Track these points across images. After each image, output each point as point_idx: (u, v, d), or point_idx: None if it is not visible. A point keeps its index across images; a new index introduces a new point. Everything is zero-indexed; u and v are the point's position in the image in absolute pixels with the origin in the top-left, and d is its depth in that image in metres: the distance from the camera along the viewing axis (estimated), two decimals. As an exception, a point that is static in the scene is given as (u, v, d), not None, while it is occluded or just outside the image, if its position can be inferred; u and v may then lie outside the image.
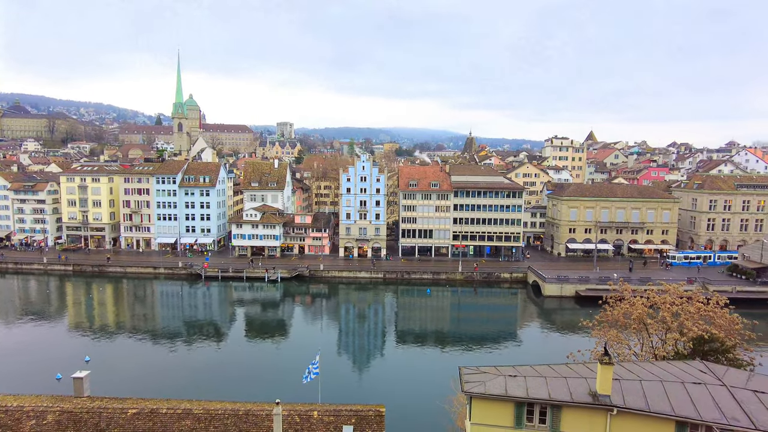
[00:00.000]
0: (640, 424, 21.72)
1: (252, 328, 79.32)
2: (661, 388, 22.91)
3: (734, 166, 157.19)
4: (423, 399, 49.21)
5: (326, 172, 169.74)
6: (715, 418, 20.65)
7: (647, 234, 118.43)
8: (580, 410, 22.29)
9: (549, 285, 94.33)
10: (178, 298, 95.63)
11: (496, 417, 23.23)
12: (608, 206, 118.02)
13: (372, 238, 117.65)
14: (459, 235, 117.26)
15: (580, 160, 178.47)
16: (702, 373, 24.56)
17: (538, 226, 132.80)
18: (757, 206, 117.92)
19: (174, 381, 56.38)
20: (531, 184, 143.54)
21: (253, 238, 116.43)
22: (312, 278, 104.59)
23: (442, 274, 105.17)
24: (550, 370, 25.20)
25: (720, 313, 41.40)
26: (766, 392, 22.62)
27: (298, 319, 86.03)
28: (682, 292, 45.26)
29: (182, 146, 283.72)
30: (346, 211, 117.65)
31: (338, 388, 52.78)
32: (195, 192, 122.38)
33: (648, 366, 26.46)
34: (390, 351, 70.25)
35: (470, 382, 23.64)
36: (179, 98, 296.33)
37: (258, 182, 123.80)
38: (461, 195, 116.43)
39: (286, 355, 66.70)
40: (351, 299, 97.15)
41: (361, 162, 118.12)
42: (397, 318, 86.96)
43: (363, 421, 22.70)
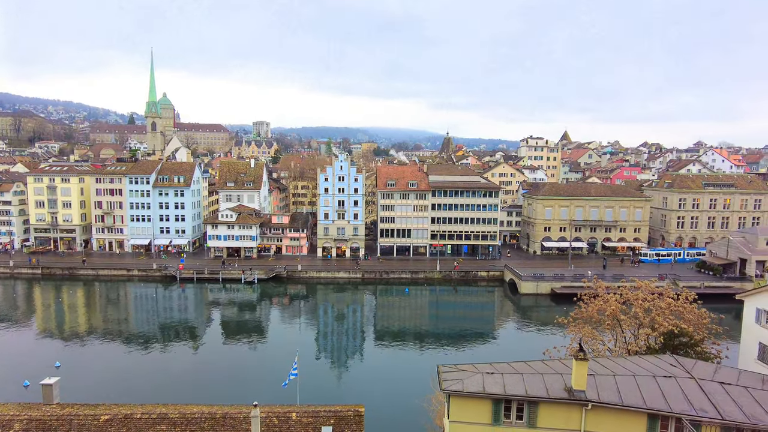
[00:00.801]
0: (613, 418, 22.20)
1: (229, 331, 78.30)
2: (633, 382, 23.46)
3: (702, 166, 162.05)
4: (402, 398, 49.35)
5: (304, 172, 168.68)
6: (684, 409, 21.24)
7: (620, 232, 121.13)
8: (556, 406, 22.66)
9: (525, 283, 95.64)
10: (153, 300, 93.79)
11: (474, 414, 23.44)
12: (582, 205, 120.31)
13: (350, 238, 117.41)
14: (437, 234, 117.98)
15: (554, 160, 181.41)
16: (672, 366, 25.24)
17: (514, 225, 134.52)
18: (723, 204, 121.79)
19: (149, 386, 55.25)
20: (507, 184, 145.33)
21: (229, 239, 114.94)
22: (290, 279, 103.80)
23: (421, 274, 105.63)
24: (527, 366, 25.55)
25: (689, 308, 42.55)
26: (731, 384, 23.38)
27: (275, 320, 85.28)
28: (654, 288, 46.37)
29: (156, 146, 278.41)
30: (324, 211, 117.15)
31: (317, 389, 52.55)
32: (169, 192, 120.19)
33: (621, 361, 27.07)
34: (369, 351, 70.21)
35: (448, 380, 23.79)
36: (153, 97, 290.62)
37: (234, 182, 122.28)
38: (439, 194, 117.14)
39: (264, 357, 66.08)
40: (329, 300, 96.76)
41: (339, 162, 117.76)
42: (375, 318, 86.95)
43: (342, 422, 22.64)
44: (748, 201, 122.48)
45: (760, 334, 36.96)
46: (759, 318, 37.33)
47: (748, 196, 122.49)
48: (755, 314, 37.70)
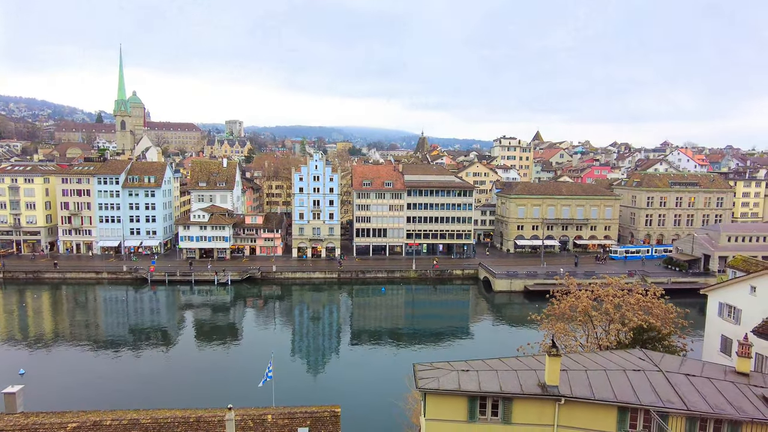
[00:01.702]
0: (586, 412, 22.68)
1: (202, 333, 76.99)
2: (604, 376, 24.02)
3: (668, 165, 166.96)
4: (378, 397, 49.36)
5: (278, 172, 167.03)
6: (652, 401, 21.86)
7: (591, 230, 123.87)
8: (530, 401, 23.01)
9: (499, 280, 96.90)
10: (123, 304, 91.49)
11: (450, 412, 23.62)
12: (554, 204, 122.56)
13: (326, 237, 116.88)
14: (413, 233, 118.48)
15: (527, 160, 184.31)
16: (641, 360, 25.94)
17: (488, 224, 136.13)
18: (689, 203, 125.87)
19: (119, 391, 53.84)
20: (481, 183, 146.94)
21: (201, 240, 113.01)
22: (264, 280, 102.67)
23: (397, 273, 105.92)
24: (501, 363, 25.87)
25: (657, 304, 43.83)
26: (696, 375, 24.18)
27: (249, 322, 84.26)
28: (623, 284, 47.58)
29: (125, 145, 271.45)
30: (299, 210, 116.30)
31: (293, 391, 52.15)
32: (139, 193, 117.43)
33: (593, 356, 27.68)
34: (345, 351, 70.04)
35: (424, 379, 23.91)
36: (122, 95, 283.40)
37: (206, 182, 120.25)
38: (414, 194, 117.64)
39: (239, 360, 65.21)
40: (305, 300, 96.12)
41: (314, 161, 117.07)
42: (352, 317, 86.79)
43: (318, 423, 22.52)
44: (711, 199, 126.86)
45: (722, 327, 38.29)
46: (721, 312, 38.68)
47: (711, 194, 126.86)
48: (718, 308, 39.05)
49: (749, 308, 35.79)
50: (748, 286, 36.58)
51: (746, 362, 25.12)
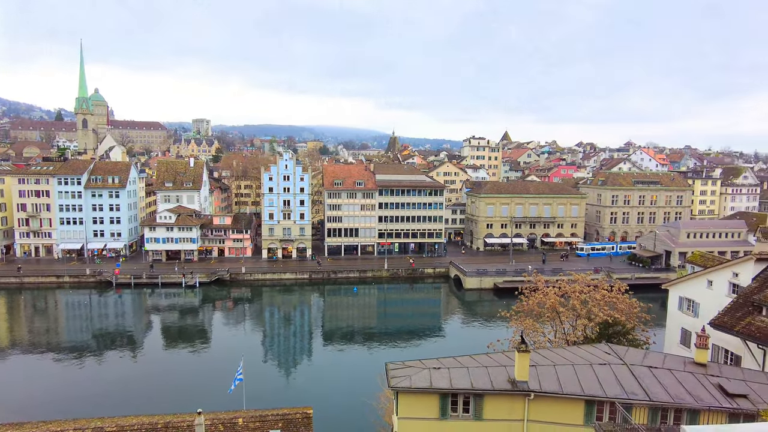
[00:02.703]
0: (554, 406, 23.18)
1: (169, 337, 75.25)
2: (572, 371, 24.59)
3: (632, 164, 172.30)
4: (351, 397, 49.28)
5: (247, 171, 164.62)
6: (617, 394, 22.51)
7: (558, 228, 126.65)
8: (500, 397, 23.36)
9: (469, 278, 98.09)
10: (86, 308, 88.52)
11: (422, 410, 23.76)
12: (522, 202, 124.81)
13: (297, 238, 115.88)
14: (384, 233, 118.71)
15: (496, 159, 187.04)
16: (607, 354, 26.68)
17: (459, 223, 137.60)
18: (651, 201, 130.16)
19: (83, 399, 52.13)
20: (451, 183, 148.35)
21: (168, 242, 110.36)
22: (233, 282, 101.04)
23: (369, 272, 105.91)
24: (472, 360, 26.17)
25: (621, 299, 45.18)
26: (658, 367, 25.04)
27: (219, 324, 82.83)
28: (590, 281, 48.85)
29: (87, 144, 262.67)
30: (269, 211, 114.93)
31: (264, 394, 51.48)
32: (103, 193, 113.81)
33: (561, 351, 28.31)
34: (317, 352, 69.64)
35: (396, 377, 23.98)
36: (83, 92, 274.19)
37: (172, 182, 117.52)
38: (386, 193, 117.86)
39: (208, 363, 63.99)
40: (275, 302, 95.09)
41: (284, 160, 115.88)
42: (323, 318, 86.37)
43: (290, 425, 22.34)
44: (672, 197, 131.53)
45: (682, 321, 39.76)
46: (681, 305, 40.16)
47: (672, 192, 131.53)
48: (678, 302, 40.52)
49: (706, 302, 37.26)
50: (705, 280, 38.08)
51: (704, 353, 26.14)
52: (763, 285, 33.28)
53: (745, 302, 33.18)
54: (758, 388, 23.21)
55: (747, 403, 21.95)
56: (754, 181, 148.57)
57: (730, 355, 33.58)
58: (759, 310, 31.96)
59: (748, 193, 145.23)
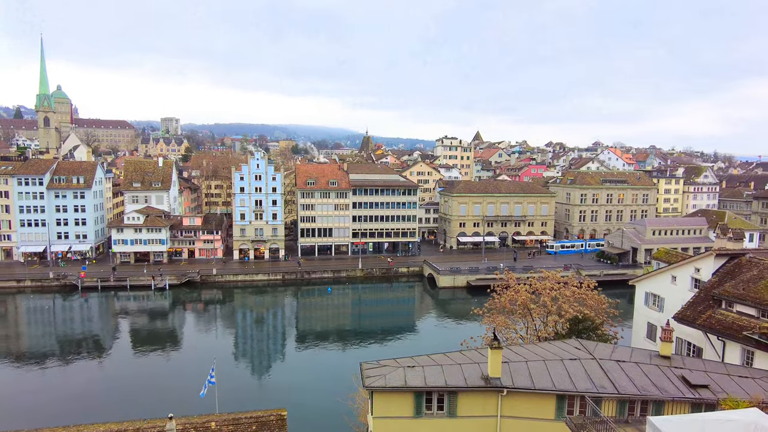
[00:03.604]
0: (527, 401, 23.60)
1: (139, 341, 73.39)
2: (543, 366, 25.07)
3: (599, 164, 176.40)
4: (326, 398, 49.02)
5: (217, 171, 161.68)
6: (587, 388, 23.07)
7: (529, 226, 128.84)
8: (474, 394, 23.63)
9: (443, 277, 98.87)
10: (50, 313, 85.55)
11: (397, 408, 23.83)
12: (494, 201, 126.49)
13: (269, 238, 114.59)
14: (358, 232, 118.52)
15: (468, 159, 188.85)
16: (577, 349, 27.29)
17: (432, 222, 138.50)
18: (618, 199, 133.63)
19: (47, 408, 50.32)
20: (425, 182, 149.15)
21: (136, 243, 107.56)
22: (204, 284, 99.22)
23: (343, 272, 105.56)
24: (446, 358, 26.41)
25: (590, 295, 46.26)
26: (626, 361, 25.78)
27: (190, 327, 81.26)
28: (560, 278, 49.83)
29: (50, 143, 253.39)
30: (240, 211, 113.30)
31: (237, 397, 50.75)
32: (67, 194, 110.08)
33: (532, 347, 28.83)
34: (291, 353, 69.07)
35: (371, 377, 23.99)
36: (44, 89, 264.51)
37: (140, 182, 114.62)
38: (360, 193, 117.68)
39: (179, 367, 62.70)
40: (248, 304, 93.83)
41: (256, 160, 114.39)
42: (297, 319, 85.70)
43: (264, 427, 22.08)
44: (638, 195, 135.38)
45: (648, 315, 41.01)
46: (647, 300, 41.41)
47: (638, 191, 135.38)
48: (644, 297, 41.78)
49: (671, 296, 38.53)
50: (669, 276, 39.36)
51: (668, 346, 27.03)
52: (722, 280, 34.62)
53: (705, 296, 34.45)
54: (718, 379, 24.14)
55: (708, 393, 22.81)
56: (714, 180, 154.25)
57: (693, 348, 34.81)
58: (719, 303, 33.22)
59: (708, 191, 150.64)
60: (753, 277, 32.69)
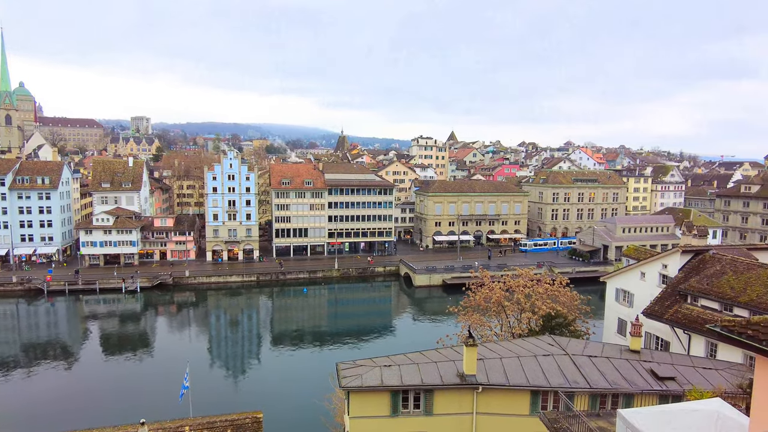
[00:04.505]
0: (502, 397, 23.93)
1: (109, 346, 71.55)
2: (518, 363, 25.45)
3: (571, 163, 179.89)
4: (302, 399, 48.72)
5: (189, 171, 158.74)
6: (560, 383, 23.53)
7: (502, 225, 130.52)
8: (449, 391, 23.84)
9: (419, 276, 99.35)
10: (12, 318, 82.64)
11: (374, 408, 23.86)
12: (468, 201, 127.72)
13: (243, 239, 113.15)
14: (334, 232, 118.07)
15: (443, 159, 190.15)
16: (550, 345, 27.79)
17: (408, 221, 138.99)
18: (589, 197, 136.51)
19: (11, 417, 48.58)
20: (400, 182, 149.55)
21: (105, 245, 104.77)
22: (176, 286, 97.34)
23: (319, 273, 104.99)
24: (422, 356, 26.56)
25: (563, 292, 47.16)
26: (597, 356, 26.37)
27: (162, 331, 79.66)
28: (533, 275, 50.67)
29: (12, 142, 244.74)
30: (213, 212, 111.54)
31: (212, 400, 49.93)
32: (31, 195, 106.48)
33: (507, 344, 29.23)
34: (266, 355, 68.38)
35: (347, 377, 23.95)
36: (5, 86, 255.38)
37: (110, 183, 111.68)
38: (336, 193, 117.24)
39: (152, 371, 61.36)
40: (222, 306, 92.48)
41: (229, 159, 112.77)
42: (272, 321, 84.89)
43: (239, 430, 21.84)
44: (608, 194, 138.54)
45: (618, 311, 42.05)
46: (618, 297, 42.45)
47: (608, 189, 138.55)
48: (615, 294, 42.82)
49: (640, 292, 39.59)
50: (638, 272, 40.43)
51: (637, 341, 27.78)
52: (687, 275, 35.74)
53: (672, 292, 35.52)
54: (684, 371, 24.93)
55: (675, 384, 23.55)
56: (680, 179, 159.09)
57: (661, 342, 35.85)
58: (684, 298, 34.30)
59: (675, 190, 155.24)
60: (716, 273, 33.86)
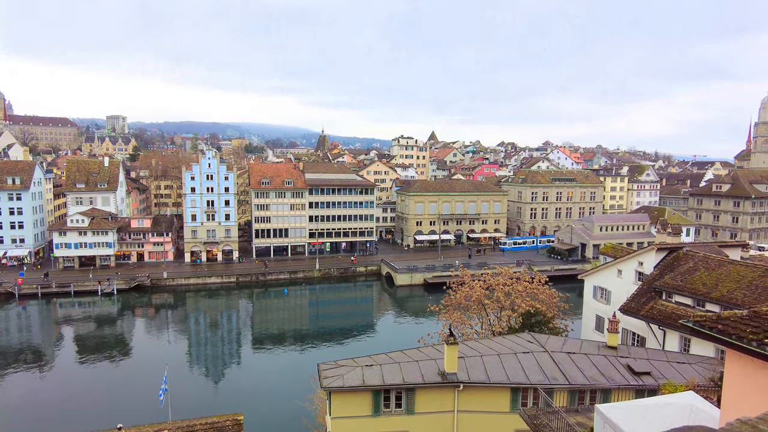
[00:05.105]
0: (482, 395, 24.13)
1: (85, 350, 69.92)
2: (498, 360, 25.70)
3: (549, 163, 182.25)
4: (284, 401, 48.41)
5: (167, 171, 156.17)
6: (540, 380, 23.83)
7: (483, 224, 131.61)
8: (431, 390, 23.95)
9: (400, 275, 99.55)
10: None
11: (356, 407, 23.83)
12: (449, 200, 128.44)
13: (222, 240, 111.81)
14: (315, 232, 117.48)
15: (423, 158, 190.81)
16: (530, 343, 28.14)
17: (389, 221, 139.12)
18: (567, 196, 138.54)
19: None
20: (381, 181, 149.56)
21: (81, 247, 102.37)
22: (154, 288, 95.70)
23: (300, 273, 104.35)
24: (403, 355, 26.62)
25: (542, 290, 47.76)
26: (576, 352, 26.80)
27: (140, 334, 78.22)
28: (512, 273, 51.20)
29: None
30: (191, 212, 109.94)
31: (192, 403, 49.26)
32: (1, 196, 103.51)
33: (487, 342, 29.50)
34: (247, 357, 67.71)
35: (328, 377, 23.88)
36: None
37: (84, 183, 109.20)
38: (316, 192, 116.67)
39: (130, 375, 60.24)
40: (201, 307, 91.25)
41: (207, 159, 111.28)
42: (253, 322, 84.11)
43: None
44: (586, 193, 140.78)
45: (596, 308, 42.77)
46: (595, 294, 43.17)
47: (586, 189, 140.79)
48: (593, 291, 43.53)
49: (617, 289, 40.34)
50: (615, 270, 41.19)
51: (615, 337, 28.30)
52: (662, 272, 36.54)
53: (648, 288, 36.28)
54: (659, 365, 25.50)
55: (650, 379, 24.06)
56: (655, 178, 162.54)
57: (637, 337, 36.59)
58: (659, 295, 35.06)
59: (650, 189, 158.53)
60: (689, 269, 34.70)
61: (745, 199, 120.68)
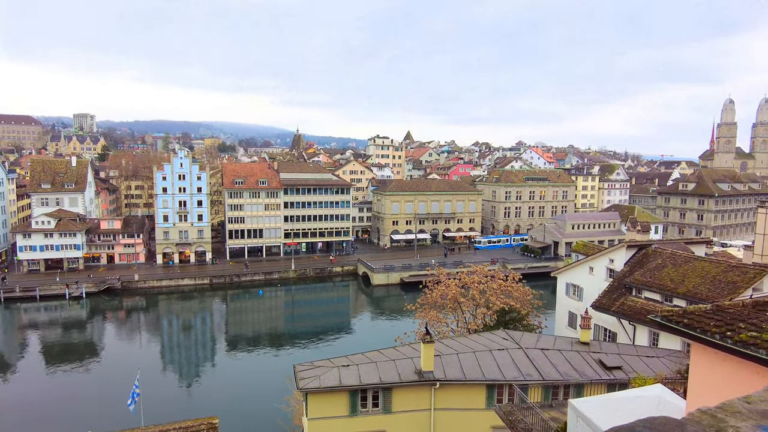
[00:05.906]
0: (459, 392, 24.35)
1: (52, 356, 67.77)
2: (474, 358, 25.97)
3: (522, 162, 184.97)
4: (260, 403, 47.91)
5: (137, 171, 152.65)
6: (515, 376, 24.19)
7: (458, 223, 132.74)
8: (408, 389, 24.04)
9: (377, 275, 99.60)
10: (-57, 329, 77.02)
11: (332, 408, 23.75)
12: (425, 199, 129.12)
13: (195, 241, 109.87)
14: (291, 232, 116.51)
15: (399, 158, 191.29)
16: (504, 340, 28.51)
17: (366, 220, 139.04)
18: (540, 195, 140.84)
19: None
20: (357, 181, 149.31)
21: (47, 249, 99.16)
22: (125, 290, 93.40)
23: (275, 274, 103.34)
24: (380, 354, 26.66)
25: (516, 287, 48.45)
26: (549, 348, 27.28)
27: (111, 338, 76.28)
28: (487, 271, 51.79)
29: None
30: (163, 213, 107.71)
31: (165, 407, 48.23)
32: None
33: (463, 340, 29.78)
34: (222, 359, 66.74)
35: (305, 378, 23.74)
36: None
37: (50, 183, 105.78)
38: (291, 192, 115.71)
39: (100, 380, 58.62)
40: (173, 310, 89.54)
41: (179, 158, 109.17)
42: (227, 324, 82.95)
43: (193, 437, 21.16)
44: (558, 192, 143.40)
45: (569, 305, 43.63)
46: (568, 291, 44.03)
47: (558, 188, 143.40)
48: (565, 288, 44.38)
49: (589, 286, 41.22)
50: (587, 267, 42.07)
51: (587, 333, 28.92)
52: (632, 269, 37.50)
53: (619, 285, 37.18)
54: (629, 360, 26.17)
55: (621, 373, 24.67)
56: (625, 177, 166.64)
57: (608, 333, 37.46)
58: (630, 291, 35.98)
59: (620, 187, 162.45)
60: (657, 266, 35.70)
61: (708, 197, 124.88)
